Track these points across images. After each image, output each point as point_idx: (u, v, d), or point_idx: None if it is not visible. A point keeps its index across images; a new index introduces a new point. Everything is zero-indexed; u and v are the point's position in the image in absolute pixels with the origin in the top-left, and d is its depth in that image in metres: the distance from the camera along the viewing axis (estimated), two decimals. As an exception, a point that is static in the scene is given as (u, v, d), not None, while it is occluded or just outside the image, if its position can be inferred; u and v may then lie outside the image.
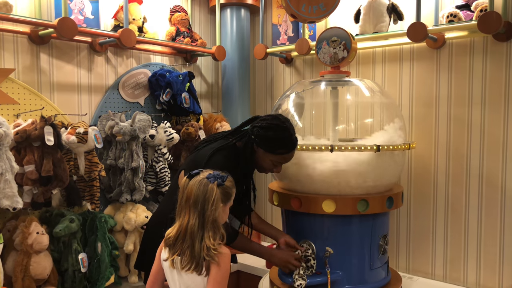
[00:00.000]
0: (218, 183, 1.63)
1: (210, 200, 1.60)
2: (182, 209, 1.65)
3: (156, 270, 1.77)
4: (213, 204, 1.60)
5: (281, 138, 2.07)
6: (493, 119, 2.71)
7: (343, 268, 2.37)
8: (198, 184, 1.63)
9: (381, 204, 2.39)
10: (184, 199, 1.64)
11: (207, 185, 1.62)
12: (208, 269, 1.59)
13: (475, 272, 2.82)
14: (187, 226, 1.61)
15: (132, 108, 3.17)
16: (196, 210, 1.60)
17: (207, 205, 1.60)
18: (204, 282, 1.60)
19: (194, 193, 1.62)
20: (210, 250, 1.58)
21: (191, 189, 1.63)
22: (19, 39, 2.64)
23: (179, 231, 1.63)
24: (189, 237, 1.60)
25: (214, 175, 1.65)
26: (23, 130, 2.38)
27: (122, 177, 2.88)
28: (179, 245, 1.62)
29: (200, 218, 1.60)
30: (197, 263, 1.58)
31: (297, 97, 2.75)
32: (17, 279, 2.33)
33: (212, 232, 1.60)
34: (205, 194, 1.60)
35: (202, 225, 1.60)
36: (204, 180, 1.63)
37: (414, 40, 2.65)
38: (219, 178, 1.65)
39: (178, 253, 1.63)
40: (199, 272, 1.58)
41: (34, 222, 2.40)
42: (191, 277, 1.60)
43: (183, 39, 3.34)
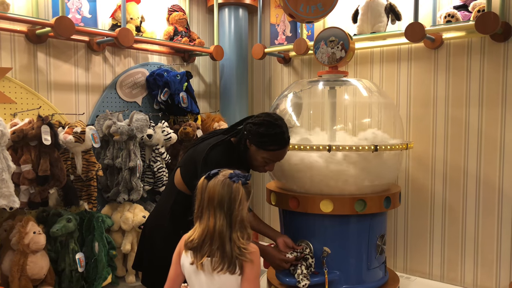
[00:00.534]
0: (243, 182, 1.62)
1: (237, 200, 1.59)
2: (205, 210, 1.62)
3: (174, 275, 1.72)
4: (240, 203, 1.59)
5: (272, 134, 2.07)
6: (491, 119, 2.72)
7: (340, 268, 2.37)
8: (222, 185, 1.60)
9: (379, 204, 2.39)
10: (206, 201, 1.62)
11: (231, 185, 1.60)
12: (241, 268, 1.58)
13: (472, 272, 2.82)
14: (215, 228, 1.58)
15: (130, 108, 3.16)
16: (223, 211, 1.59)
17: (234, 205, 1.59)
18: (238, 281, 1.59)
19: (218, 193, 1.59)
20: (241, 250, 1.57)
21: (213, 190, 1.61)
22: (16, 38, 2.63)
23: (205, 233, 1.60)
24: (218, 238, 1.58)
25: (236, 175, 1.63)
26: (20, 129, 2.38)
27: (119, 176, 2.87)
28: (207, 247, 1.59)
29: (228, 219, 1.59)
30: (229, 263, 1.57)
31: (295, 97, 2.74)
32: (13, 279, 2.32)
33: (240, 231, 1.60)
34: (230, 194, 1.59)
35: (230, 226, 1.59)
36: (227, 181, 1.61)
37: (412, 40, 2.66)
38: (242, 177, 1.63)
39: (207, 255, 1.59)
40: (232, 271, 1.57)
41: (31, 222, 2.40)
42: (224, 277, 1.58)
43: (181, 38, 3.34)
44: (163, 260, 2.12)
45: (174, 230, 2.13)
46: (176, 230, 2.13)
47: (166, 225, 2.14)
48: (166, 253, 2.11)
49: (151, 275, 2.22)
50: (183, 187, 2.15)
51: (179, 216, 2.14)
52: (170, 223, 2.14)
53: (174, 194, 2.16)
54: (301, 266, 2.28)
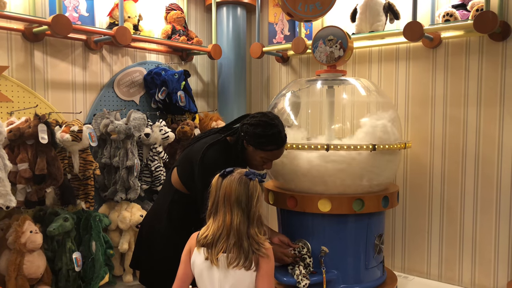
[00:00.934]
0: (259, 180, 1.65)
1: (254, 197, 1.62)
2: (220, 207, 1.64)
3: (183, 274, 1.72)
4: (258, 200, 1.62)
5: (269, 135, 2.07)
6: (489, 118, 2.72)
7: (338, 267, 2.37)
8: (238, 182, 1.63)
9: (377, 204, 2.39)
10: (222, 198, 1.63)
11: (247, 182, 1.63)
12: (257, 265, 1.60)
13: (470, 271, 2.82)
14: (231, 224, 1.60)
15: (127, 107, 3.15)
16: (240, 208, 1.61)
17: (251, 202, 1.61)
18: (252, 277, 1.60)
19: (235, 190, 1.62)
20: (259, 245, 1.60)
21: (229, 187, 1.63)
22: (13, 36, 2.61)
23: (221, 230, 1.62)
24: (235, 234, 1.60)
25: (252, 173, 1.66)
26: (17, 128, 2.36)
27: (117, 175, 2.86)
28: (223, 243, 1.61)
29: (245, 215, 1.61)
30: (245, 259, 1.58)
31: (293, 96, 2.74)
32: (10, 278, 2.31)
33: (258, 228, 1.63)
34: (247, 191, 1.61)
35: (247, 222, 1.61)
36: (244, 178, 1.64)
37: (410, 39, 2.65)
38: (258, 175, 1.66)
39: (223, 251, 1.61)
40: (248, 267, 1.59)
41: (28, 221, 2.38)
42: (239, 273, 1.59)
43: (179, 37, 3.33)
44: (161, 259, 2.12)
45: (172, 229, 2.13)
46: (173, 228, 2.13)
47: (164, 224, 2.14)
48: (163, 252, 2.11)
49: (149, 274, 2.21)
50: (180, 186, 2.14)
51: (176, 215, 2.14)
52: (167, 222, 2.13)
53: (171, 193, 2.16)
54: (299, 266, 2.28)
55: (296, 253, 2.30)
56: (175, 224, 2.13)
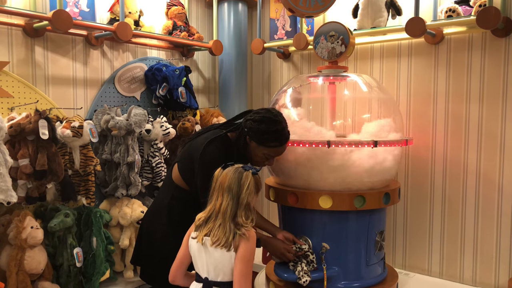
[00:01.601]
0: (253, 172, 1.79)
1: (245, 185, 1.75)
2: (214, 193, 1.79)
3: (182, 256, 1.86)
4: (248, 188, 1.75)
5: (273, 131, 2.07)
6: (491, 115, 2.70)
7: (339, 264, 2.36)
8: (234, 171, 1.78)
9: (378, 200, 2.38)
10: (218, 185, 1.78)
11: (242, 172, 1.77)
12: (236, 247, 1.71)
13: (471, 268, 2.82)
14: (220, 207, 1.74)
15: (128, 103, 3.15)
16: (230, 193, 1.75)
17: (241, 189, 1.75)
18: (232, 259, 1.72)
19: (229, 178, 1.76)
20: (241, 226, 1.73)
21: (225, 176, 1.78)
22: (14, 31, 2.61)
23: (211, 212, 1.77)
24: (221, 216, 1.74)
25: (249, 166, 1.82)
26: (17, 123, 2.36)
27: (117, 171, 2.86)
28: (211, 223, 1.76)
29: (234, 201, 1.74)
30: (226, 240, 1.70)
31: (294, 92, 2.73)
32: (11, 274, 2.31)
33: (245, 213, 1.75)
34: (240, 179, 1.76)
35: (236, 206, 1.74)
36: (240, 169, 1.79)
37: (412, 35, 2.64)
38: (253, 168, 1.81)
39: (208, 231, 1.75)
40: (228, 248, 1.70)
41: (29, 217, 2.38)
42: (220, 253, 1.71)
43: (180, 33, 3.32)
44: (162, 255, 2.12)
45: (172, 225, 2.13)
46: (174, 224, 2.13)
47: (164, 220, 2.14)
48: (164, 247, 2.11)
49: (150, 269, 2.21)
50: (180, 182, 2.14)
51: (177, 211, 2.14)
52: (168, 218, 2.13)
53: (172, 189, 2.16)
54: (301, 263, 2.27)
55: (297, 249, 2.30)
56: (175, 220, 2.13)
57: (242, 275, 1.70)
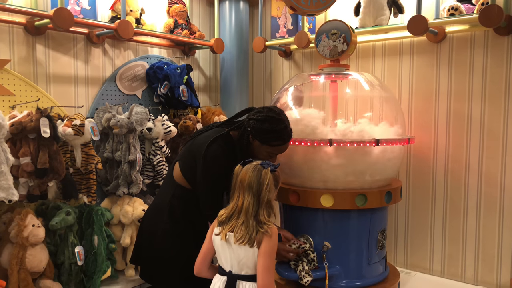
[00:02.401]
0: (272, 169, 1.82)
1: (265, 183, 1.78)
2: (236, 191, 1.83)
3: (206, 249, 1.90)
4: (268, 186, 1.78)
5: (276, 130, 2.07)
6: (493, 114, 2.70)
7: (341, 262, 2.36)
8: (253, 169, 1.81)
9: (380, 199, 2.38)
10: (238, 183, 1.82)
11: (261, 170, 1.80)
12: (259, 243, 1.75)
13: (473, 267, 2.82)
14: (242, 205, 1.78)
15: (130, 101, 3.14)
16: (251, 192, 1.78)
17: (261, 187, 1.78)
18: (255, 254, 1.76)
19: (248, 177, 1.79)
20: (264, 224, 1.76)
21: (245, 174, 1.81)
22: (15, 29, 2.60)
23: (233, 210, 1.81)
24: (244, 214, 1.77)
25: (267, 163, 1.84)
26: (19, 121, 2.35)
27: (119, 170, 2.86)
28: (233, 221, 1.79)
29: (255, 199, 1.78)
30: (250, 237, 1.75)
31: (296, 90, 2.72)
32: (12, 272, 2.31)
33: (266, 210, 1.79)
34: (259, 178, 1.78)
35: (257, 204, 1.78)
36: (258, 166, 1.81)
37: (414, 33, 2.63)
38: (271, 165, 1.83)
39: (231, 229, 1.79)
40: (251, 244, 1.74)
41: (30, 215, 2.38)
42: (244, 249, 1.76)
43: (181, 31, 3.31)
44: (162, 253, 2.12)
45: (173, 224, 2.12)
46: (174, 223, 2.12)
47: (165, 219, 2.13)
48: (164, 246, 2.11)
49: (150, 268, 2.21)
50: (182, 180, 2.13)
51: (177, 210, 2.13)
52: (168, 217, 2.13)
53: (173, 187, 2.15)
54: (302, 263, 2.27)
55: (296, 247, 2.29)
56: (176, 218, 2.13)
57: (265, 268, 1.75)
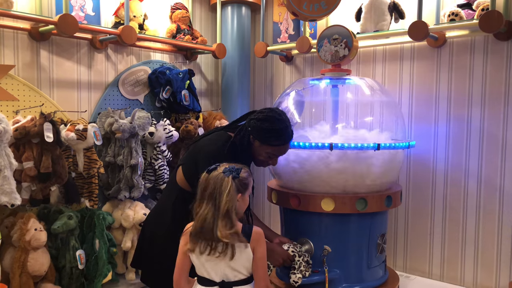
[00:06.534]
0: (233, 176, 1.74)
1: (225, 192, 1.70)
2: (201, 201, 1.76)
3: (182, 263, 1.82)
4: (228, 195, 1.70)
5: (277, 129, 2.08)
6: (493, 118, 2.71)
7: (341, 266, 2.37)
8: (215, 178, 1.74)
9: (380, 203, 2.39)
10: (202, 192, 1.76)
11: (222, 179, 1.73)
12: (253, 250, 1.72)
13: (472, 271, 2.82)
14: (206, 216, 1.71)
15: (132, 105, 3.17)
16: (211, 201, 1.72)
17: (220, 197, 1.70)
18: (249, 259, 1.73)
19: (210, 186, 1.73)
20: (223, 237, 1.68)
21: (208, 183, 1.75)
22: (19, 35, 2.63)
23: (199, 222, 1.73)
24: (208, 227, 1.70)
25: (229, 169, 1.76)
26: (22, 126, 2.38)
27: (120, 174, 2.88)
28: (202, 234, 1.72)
29: (215, 209, 1.70)
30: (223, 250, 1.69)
31: (297, 95, 2.74)
32: (14, 276, 2.33)
33: (225, 222, 1.70)
34: (220, 187, 1.71)
35: (217, 215, 1.70)
36: (220, 175, 1.74)
37: (415, 39, 2.65)
38: (234, 171, 1.75)
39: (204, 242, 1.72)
40: (230, 257, 1.70)
41: (32, 219, 2.40)
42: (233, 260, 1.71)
43: (183, 36, 3.34)
44: (164, 258, 2.12)
45: (175, 228, 2.13)
46: (177, 227, 2.13)
47: (167, 223, 2.14)
48: (167, 250, 2.12)
49: (151, 272, 2.22)
50: (184, 184, 2.15)
51: (180, 214, 2.14)
52: (171, 221, 2.14)
53: (176, 191, 2.16)
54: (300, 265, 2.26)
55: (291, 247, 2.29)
56: (179, 223, 2.13)
57: (265, 271, 1.75)
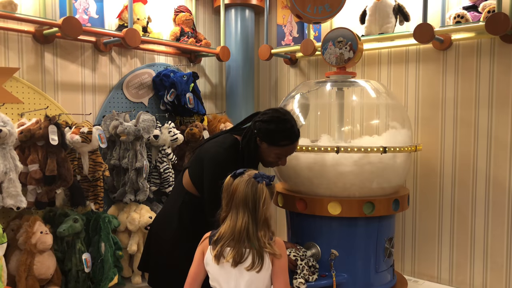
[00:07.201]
0: (267, 183, 1.65)
1: (261, 199, 1.62)
2: (231, 209, 1.66)
3: (196, 272, 1.73)
4: (264, 203, 1.63)
5: (283, 130, 2.07)
6: (500, 121, 2.69)
7: (348, 270, 2.35)
8: (246, 184, 1.64)
9: (387, 207, 2.37)
10: (232, 199, 1.66)
11: (255, 184, 1.64)
12: (270, 263, 1.62)
13: (481, 275, 2.79)
14: (241, 225, 1.62)
15: (136, 108, 3.16)
16: (247, 209, 1.62)
17: (258, 204, 1.62)
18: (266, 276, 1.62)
19: (243, 192, 1.63)
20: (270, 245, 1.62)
21: (237, 188, 1.65)
22: (24, 38, 2.63)
23: (232, 230, 1.63)
24: (245, 236, 1.61)
25: (261, 175, 1.67)
26: (27, 129, 2.38)
27: (126, 177, 2.87)
28: (231, 242, 1.63)
29: (252, 217, 1.62)
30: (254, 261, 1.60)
31: (302, 98, 2.73)
32: (20, 279, 2.32)
33: (263, 230, 1.63)
34: (255, 194, 1.62)
35: (255, 224, 1.62)
36: (252, 180, 1.64)
37: (420, 41, 2.64)
38: (266, 178, 1.67)
39: (233, 251, 1.62)
40: (259, 269, 1.60)
41: (38, 222, 2.40)
42: (252, 274, 1.61)
43: (187, 39, 3.33)
44: (170, 261, 2.11)
45: (182, 231, 2.12)
46: (183, 230, 2.12)
47: (174, 226, 2.13)
48: (173, 253, 2.11)
49: (158, 275, 2.21)
50: (191, 188, 2.14)
51: (186, 217, 2.13)
52: (178, 224, 2.13)
53: (182, 195, 2.15)
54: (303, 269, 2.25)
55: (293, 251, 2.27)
56: (185, 226, 2.13)
57: (286, 284, 1.64)
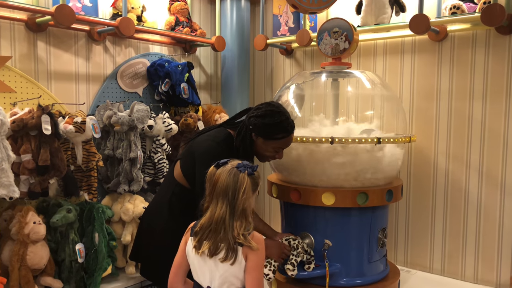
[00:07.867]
0: (249, 173, 1.63)
1: (241, 189, 1.60)
2: (212, 198, 1.64)
3: (179, 262, 1.73)
4: (244, 193, 1.60)
5: (278, 122, 2.07)
6: (494, 113, 2.70)
7: (341, 260, 2.37)
8: (228, 173, 1.62)
9: (381, 197, 2.38)
10: (213, 189, 1.64)
11: (237, 174, 1.62)
12: (245, 257, 1.59)
13: (473, 266, 2.82)
14: (218, 215, 1.60)
15: (131, 98, 3.14)
16: (226, 199, 1.60)
17: (237, 194, 1.60)
18: (241, 269, 1.60)
19: (224, 182, 1.61)
20: (245, 237, 1.59)
21: (219, 178, 1.63)
22: (16, 26, 2.60)
23: (210, 221, 1.62)
24: (220, 226, 1.59)
25: (243, 165, 1.65)
26: (20, 118, 2.35)
27: (120, 167, 2.86)
28: (212, 234, 1.60)
29: (230, 207, 1.60)
30: (228, 252, 1.58)
31: (297, 89, 2.72)
32: (13, 269, 2.32)
33: (240, 221, 1.60)
34: (236, 183, 1.60)
35: (232, 214, 1.60)
36: (234, 170, 1.63)
37: (416, 32, 2.63)
38: (249, 168, 1.65)
39: (211, 242, 1.60)
40: (233, 261, 1.58)
41: (31, 212, 2.38)
42: (227, 265, 1.59)
43: (182, 29, 3.31)
44: (161, 251, 2.12)
45: (172, 222, 2.13)
46: (174, 221, 2.12)
47: (164, 217, 2.13)
48: (164, 244, 2.11)
49: (150, 266, 2.21)
50: (182, 179, 2.13)
51: (177, 208, 2.14)
52: (168, 215, 2.13)
53: (173, 186, 2.15)
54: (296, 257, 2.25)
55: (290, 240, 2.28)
56: (175, 217, 2.13)
57: (258, 282, 1.60)
